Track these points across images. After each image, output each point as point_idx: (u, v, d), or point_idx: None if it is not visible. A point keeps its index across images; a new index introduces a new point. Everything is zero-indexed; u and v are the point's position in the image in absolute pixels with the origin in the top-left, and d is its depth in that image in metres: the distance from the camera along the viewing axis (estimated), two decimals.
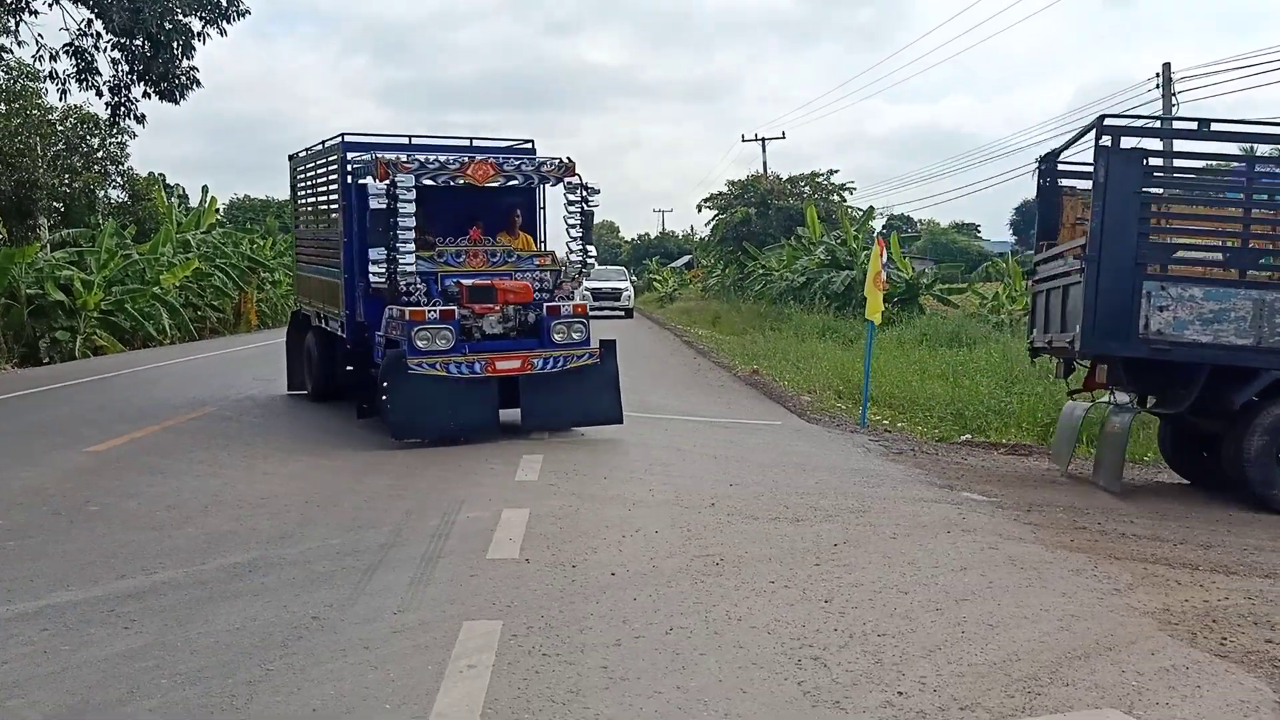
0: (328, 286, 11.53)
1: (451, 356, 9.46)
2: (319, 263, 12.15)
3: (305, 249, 13.29)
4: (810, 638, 4.60)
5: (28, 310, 22.04)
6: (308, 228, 13.17)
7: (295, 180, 13.32)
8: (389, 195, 9.38)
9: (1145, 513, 7.47)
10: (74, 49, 18.38)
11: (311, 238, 12.81)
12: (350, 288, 10.57)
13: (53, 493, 7.56)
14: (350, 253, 10.43)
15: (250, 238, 37.12)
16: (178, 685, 4.06)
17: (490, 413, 9.75)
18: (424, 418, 9.51)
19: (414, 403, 9.40)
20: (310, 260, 12.76)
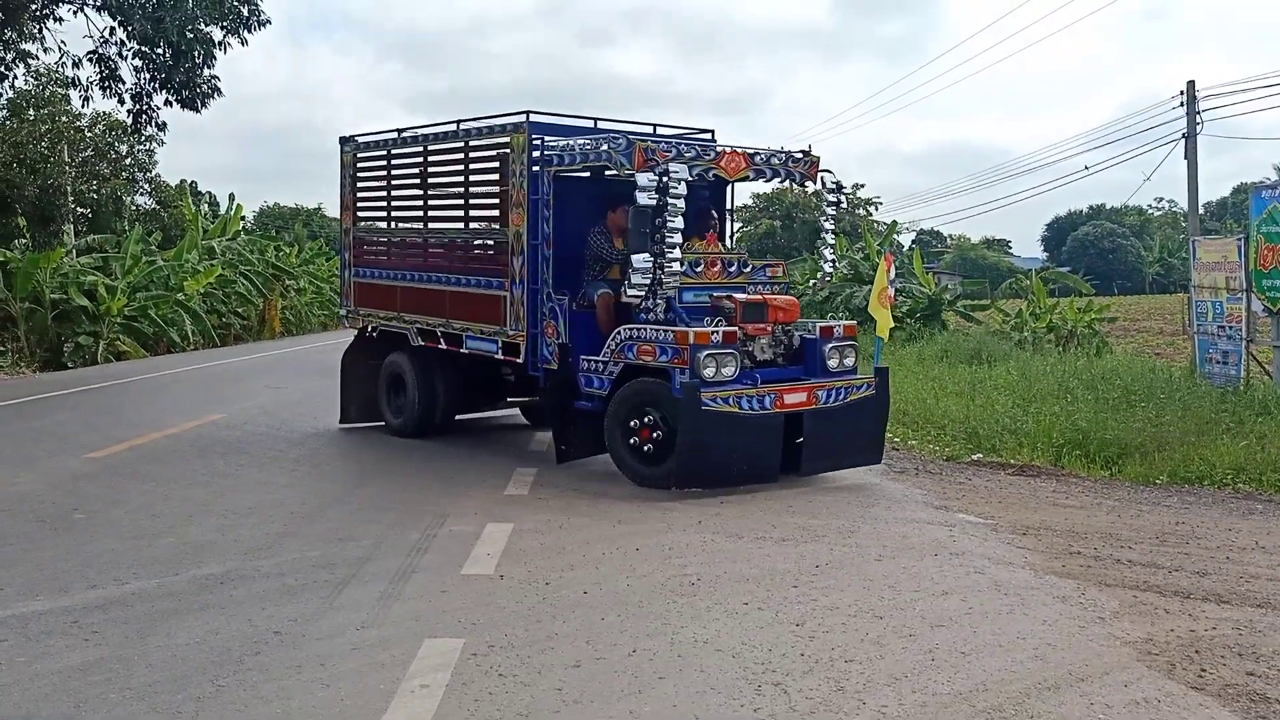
0: (470, 299, 9.56)
1: (742, 388, 7.95)
2: (446, 269, 9.99)
3: (397, 251, 10.97)
4: (775, 662, 4.50)
5: (52, 315, 22.31)
6: (399, 225, 11.12)
7: (358, 168, 11.30)
8: (659, 189, 7.81)
9: (1145, 538, 7.29)
10: (97, 56, 18.67)
11: (415, 239, 10.66)
12: (535, 301, 8.81)
13: (43, 499, 7.59)
14: (537, 258, 8.75)
15: (275, 245, 37.46)
16: (125, 700, 4.03)
17: (775, 457, 8.19)
18: (710, 464, 7.92)
19: (702, 445, 7.81)
20: (415, 267, 10.46)
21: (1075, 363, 15.67)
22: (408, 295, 10.43)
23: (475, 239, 9.97)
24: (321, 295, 36.18)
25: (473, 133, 9.70)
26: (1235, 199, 70.25)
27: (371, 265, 11.17)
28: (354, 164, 11.24)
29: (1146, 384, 12.50)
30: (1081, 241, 77.37)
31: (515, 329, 8.99)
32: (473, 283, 9.55)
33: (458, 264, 9.91)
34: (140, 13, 17.59)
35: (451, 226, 10.26)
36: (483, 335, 9.41)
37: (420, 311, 10.21)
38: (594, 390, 8.46)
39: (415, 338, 10.23)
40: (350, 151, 11.27)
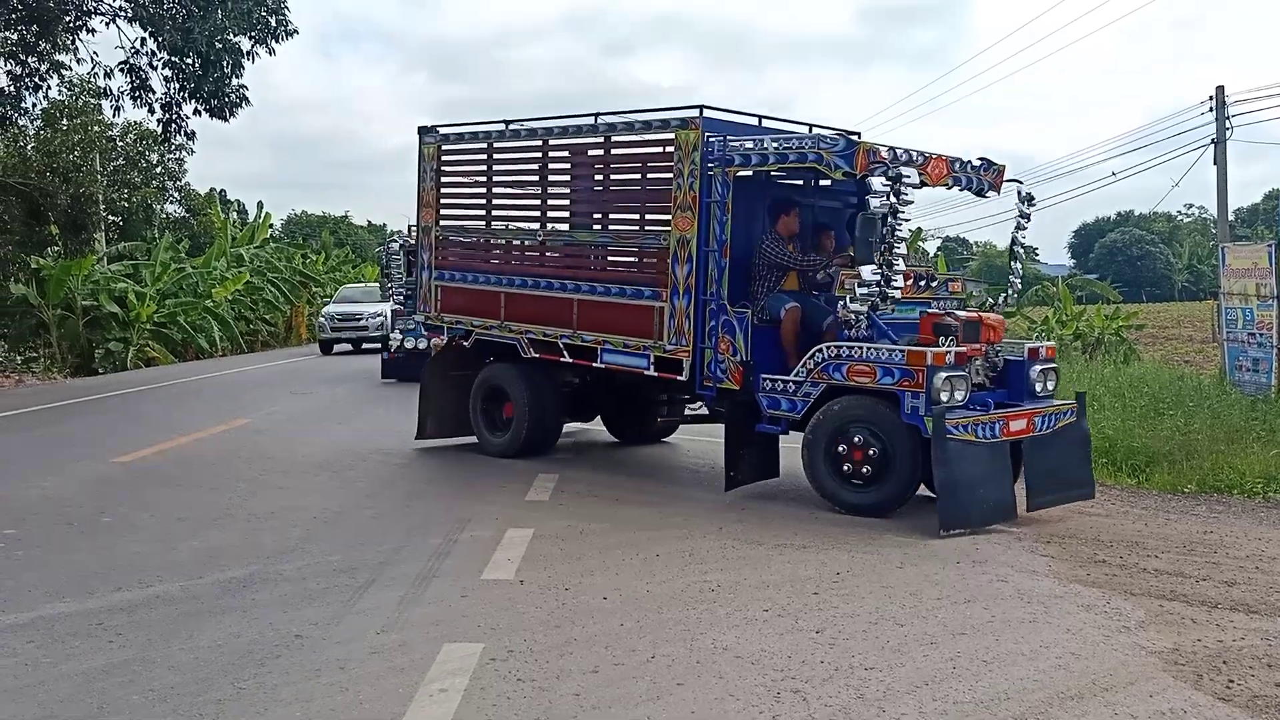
0: (610, 310, 8.73)
1: (976, 415, 7.27)
2: (575, 275, 9.10)
3: (502, 254, 10.05)
4: (795, 670, 4.47)
5: (83, 321, 22.64)
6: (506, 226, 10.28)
7: (444, 162, 10.30)
8: (893, 194, 7.20)
9: (1172, 546, 7.19)
10: (129, 67, 18.92)
11: (529, 241, 9.83)
12: (703, 313, 8.06)
13: (70, 503, 7.68)
14: (709, 267, 8.02)
15: (302, 253, 37.79)
16: (147, 702, 4.05)
17: (1010, 490, 7.56)
18: (967, 498, 7.19)
19: (954, 480, 7.10)
20: (528, 271, 9.57)
21: (1102, 370, 15.51)
22: (517, 302, 9.46)
23: (619, 244, 9.11)
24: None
25: (619, 127, 8.87)
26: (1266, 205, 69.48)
27: (461, 268, 10.15)
28: (437, 157, 10.21)
29: (1175, 392, 12.35)
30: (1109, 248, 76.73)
31: (676, 343, 8.19)
32: (614, 291, 8.73)
33: (592, 270, 9.12)
34: (170, 24, 17.81)
35: (583, 229, 9.41)
36: (627, 349, 8.56)
37: (535, 320, 9.29)
38: (781, 412, 7.75)
39: (526, 349, 9.37)
40: (433, 143, 10.23)
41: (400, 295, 17.11)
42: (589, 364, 8.92)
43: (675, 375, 8.33)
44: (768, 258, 8.23)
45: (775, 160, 7.82)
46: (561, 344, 9.07)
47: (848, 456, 7.41)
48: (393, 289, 17.61)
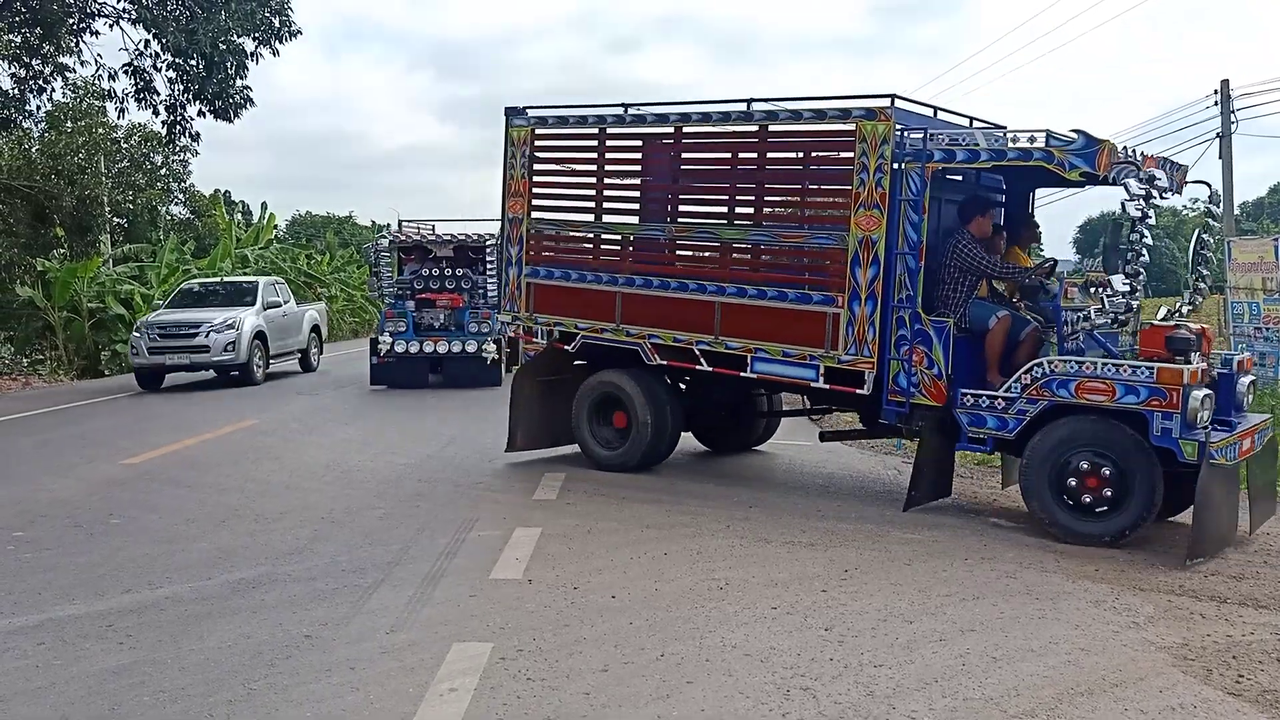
0: (766, 315, 8.02)
1: (1226, 436, 6.73)
2: (719, 276, 8.38)
3: (618, 250, 9.23)
4: (804, 667, 4.48)
5: (89, 323, 22.67)
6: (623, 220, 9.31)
7: (538, 147, 9.40)
8: (1146, 199, 6.67)
9: (1180, 542, 7.17)
10: (132, 69, 18.96)
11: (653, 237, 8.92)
12: (890, 321, 7.46)
13: (79, 505, 7.70)
14: (899, 270, 7.40)
15: (307, 253, 37.82)
16: (159, 703, 4.07)
17: (1238, 512, 7.08)
18: (1217, 525, 6.67)
19: (1217, 505, 6.59)
20: (652, 270, 8.76)
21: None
22: (638, 303, 8.71)
23: (779, 242, 8.26)
24: (353, 303, 36.49)
25: (780, 116, 8.10)
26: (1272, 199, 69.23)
27: (562, 264, 9.32)
28: (530, 141, 9.30)
29: None
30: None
31: (856, 354, 7.55)
32: (772, 294, 8.02)
33: (742, 271, 8.42)
34: (174, 25, 17.83)
35: (728, 226, 8.64)
36: (787, 359, 7.89)
37: (662, 324, 8.55)
38: (988, 430, 7.19)
39: (650, 355, 8.63)
40: (525, 126, 9.32)
41: (390, 296, 16.73)
42: (736, 374, 8.21)
43: (851, 389, 7.67)
44: (964, 261, 7.51)
45: (989, 157, 7.19)
46: (698, 350, 8.36)
47: (1079, 482, 6.77)
48: (383, 289, 16.99)
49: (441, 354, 16.38)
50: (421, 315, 16.70)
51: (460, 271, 17.08)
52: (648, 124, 8.82)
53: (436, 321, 16.73)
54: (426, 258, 17.61)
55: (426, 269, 17.14)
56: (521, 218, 9.46)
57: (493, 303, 16.01)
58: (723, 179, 8.81)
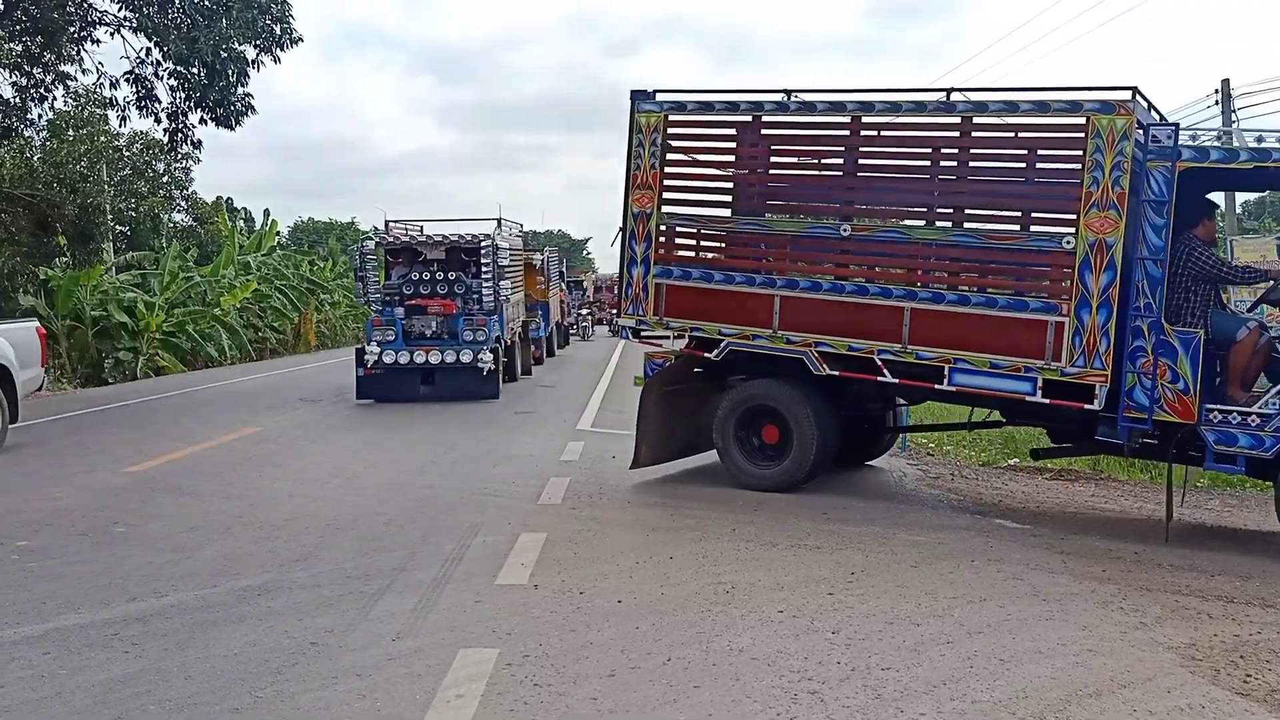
0: (965, 321, 7.45)
1: None
2: (908, 279, 7.89)
3: (775, 248, 8.49)
4: (811, 671, 4.46)
5: (92, 332, 22.69)
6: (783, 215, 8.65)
7: (671, 134, 8.65)
8: None
9: (1186, 542, 7.18)
10: (134, 77, 18.97)
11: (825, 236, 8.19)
12: (1123, 330, 6.95)
13: (83, 513, 7.69)
14: (1137, 276, 6.90)
15: (310, 260, 37.88)
16: (165, 712, 4.06)
17: None
18: None
19: None
20: (821, 270, 8.13)
21: None
22: (802, 308, 8.06)
23: (986, 243, 7.62)
24: (356, 309, 36.51)
25: (991, 108, 7.53)
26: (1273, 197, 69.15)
27: (702, 264, 8.67)
28: (663, 129, 8.56)
29: None
30: None
31: (1084, 365, 6.98)
32: (978, 301, 7.48)
33: (937, 273, 8.00)
34: (175, 33, 17.83)
35: (925, 225, 8.05)
36: (996, 371, 7.31)
37: (834, 331, 7.93)
38: (1240, 449, 6.72)
39: (818, 364, 8.00)
40: (655, 112, 8.58)
41: (377, 302, 15.67)
42: (929, 386, 7.68)
43: (1076, 404, 7.11)
44: (1199, 268, 6.99)
45: (1249, 158, 6.71)
46: (879, 360, 7.76)
47: None
48: (369, 295, 15.81)
49: (434, 364, 15.17)
50: (411, 323, 15.56)
51: (453, 275, 15.89)
52: (817, 112, 8.22)
53: (428, 329, 15.59)
54: (416, 260, 16.48)
55: (416, 272, 15.99)
56: (650, 212, 8.66)
57: (489, 308, 15.54)
58: (916, 175, 8.16)
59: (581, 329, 37.10)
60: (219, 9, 17.77)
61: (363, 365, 15.29)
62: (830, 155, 8.35)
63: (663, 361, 8.92)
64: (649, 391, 8.79)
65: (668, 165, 8.66)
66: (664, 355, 8.99)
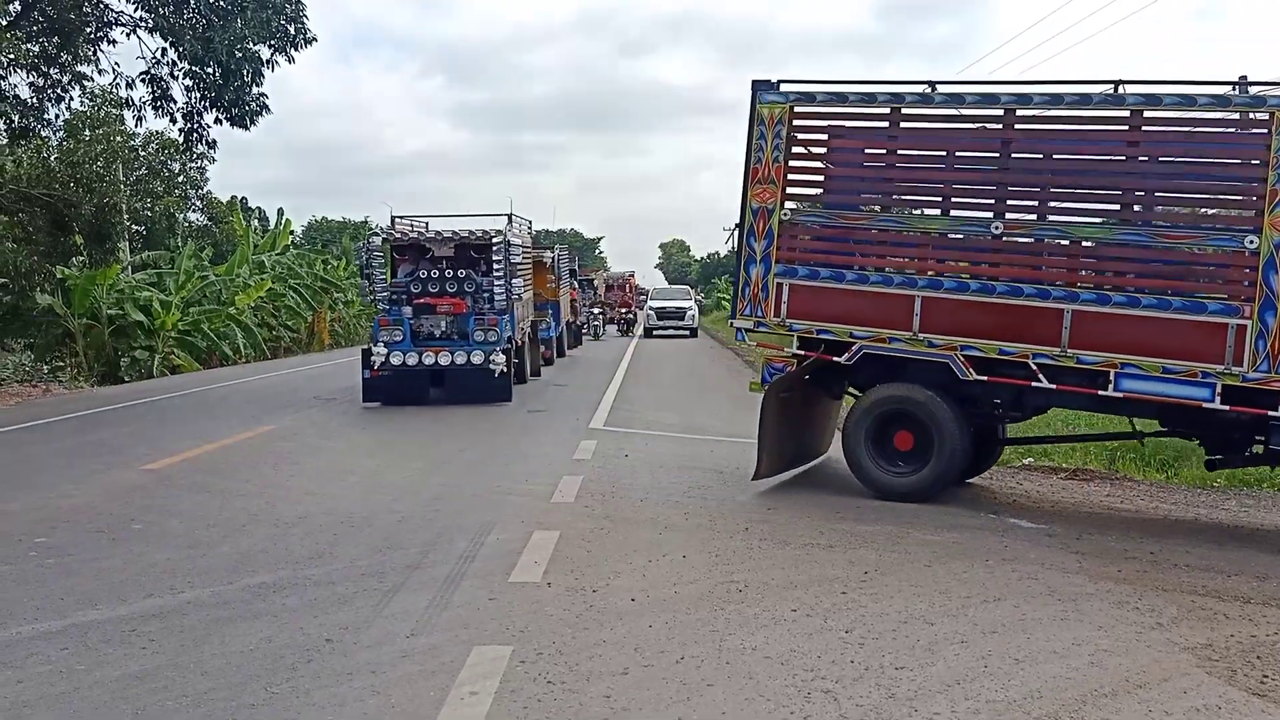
0: (1136, 324, 7.16)
1: None
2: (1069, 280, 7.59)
3: (917, 248, 8.23)
4: (824, 670, 4.46)
5: (109, 330, 22.83)
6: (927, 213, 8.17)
7: (797, 127, 8.28)
8: None
9: (1203, 542, 7.14)
10: (150, 77, 19.08)
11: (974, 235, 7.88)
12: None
13: (100, 511, 7.74)
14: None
15: (323, 258, 38.01)
16: (182, 708, 4.08)
17: None
18: None
19: None
20: (968, 271, 7.83)
21: None
22: (947, 310, 7.74)
23: (1160, 244, 7.30)
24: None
25: (1157, 100, 7.23)
26: None
27: (832, 263, 8.22)
28: (787, 121, 8.18)
29: None
30: None
31: (1268, 370, 6.77)
32: (1149, 302, 7.16)
33: (1103, 274, 7.76)
34: (191, 34, 17.94)
35: (1092, 224, 7.70)
36: (1169, 376, 7.02)
37: (983, 333, 7.61)
38: None
39: (964, 369, 7.68)
40: (780, 104, 8.21)
41: (384, 301, 15.08)
42: (1091, 392, 7.38)
43: (1260, 410, 6.90)
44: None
45: None
46: (1034, 365, 7.45)
47: None
48: (376, 293, 15.20)
49: (444, 366, 14.61)
50: (420, 323, 14.95)
51: (462, 273, 15.31)
52: (965, 105, 7.89)
53: (437, 329, 14.99)
54: (423, 258, 15.88)
55: (424, 270, 15.39)
56: (772, 208, 8.25)
57: (500, 307, 15.06)
58: (1079, 171, 7.83)
59: (594, 328, 37.06)
60: (234, 9, 17.87)
61: (369, 367, 14.74)
62: (980, 150, 8.10)
63: (783, 366, 8.43)
64: (768, 398, 8.39)
65: (794, 159, 8.30)
66: (784, 360, 8.46)
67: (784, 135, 8.20)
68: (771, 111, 8.22)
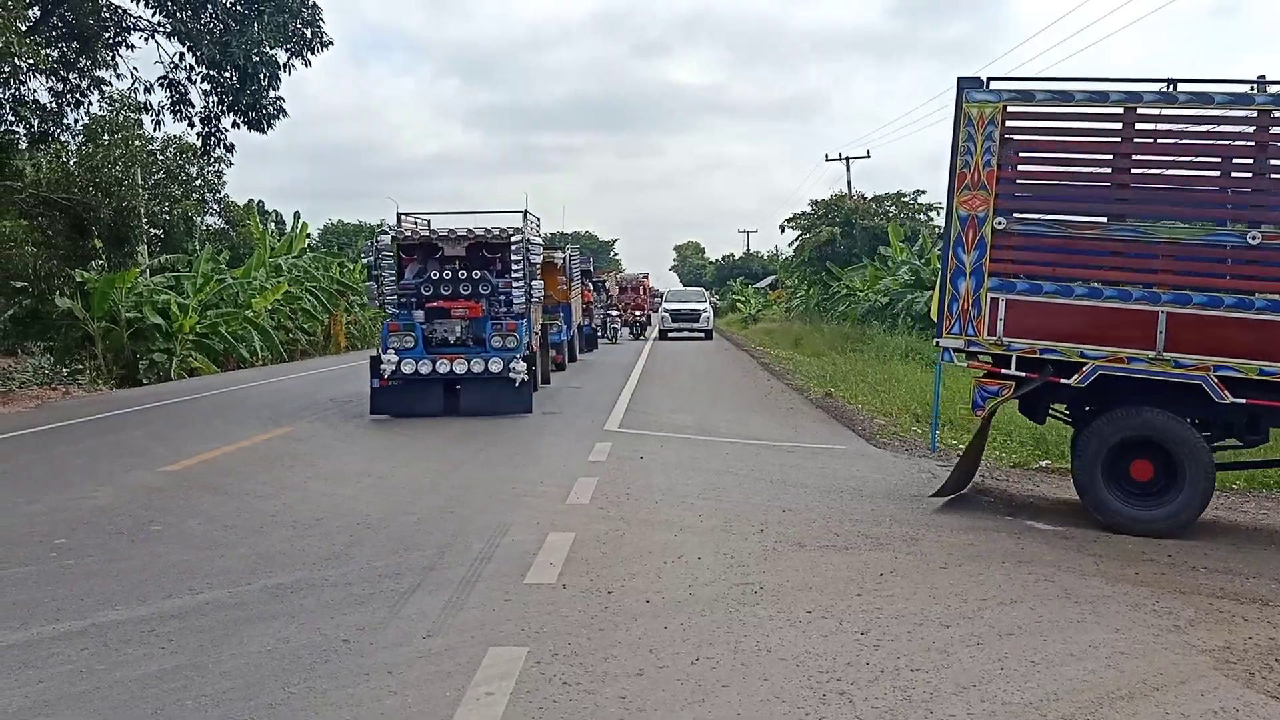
0: None
1: None
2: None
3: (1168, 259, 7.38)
4: (840, 671, 4.46)
5: (127, 333, 22.98)
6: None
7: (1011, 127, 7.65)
8: None
9: (1221, 544, 7.10)
10: (168, 81, 19.23)
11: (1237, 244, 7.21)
12: None
13: (120, 512, 7.81)
14: None
15: (339, 261, 38.17)
16: (201, 707, 4.12)
17: None
18: None
19: None
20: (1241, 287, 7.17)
21: None
22: (1193, 326, 7.13)
23: None
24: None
25: None
26: None
27: (1056, 276, 7.56)
28: (1000, 121, 7.57)
29: None
30: None
31: None
32: None
33: None
34: (208, 38, 18.07)
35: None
36: None
37: (1241, 352, 7.02)
38: None
39: (1219, 391, 7.03)
40: (991, 102, 7.60)
41: (393, 304, 14.23)
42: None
43: None
44: None
45: None
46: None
47: None
48: (384, 296, 14.24)
49: (459, 375, 13.57)
50: (433, 328, 14.05)
51: (477, 274, 14.33)
52: (1213, 105, 7.29)
53: (451, 335, 14.03)
54: (432, 258, 14.84)
55: (435, 271, 14.44)
56: (983, 216, 7.64)
57: (519, 311, 14.17)
58: None
59: (611, 331, 36.81)
60: (251, 14, 17.99)
61: (378, 376, 13.59)
62: (1234, 154, 7.47)
63: (997, 389, 7.68)
64: (985, 423, 7.99)
65: (1008, 163, 7.67)
66: (999, 382, 7.70)
67: (996, 137, 7.59)
68: (981, 111, 7.60)
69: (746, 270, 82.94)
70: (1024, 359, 7.59)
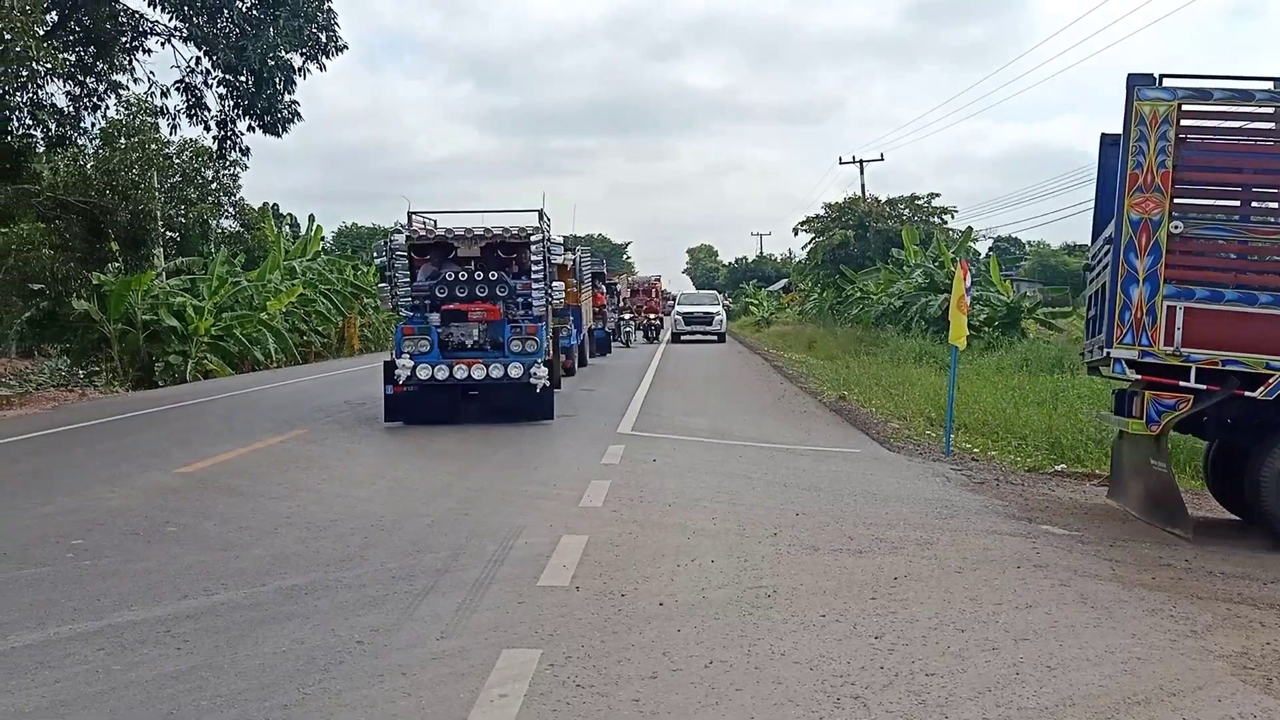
0: None
1: None
2: None
3: None
4: (854, 675, 4.45)
5: (143, 335, 23.13)
6: None
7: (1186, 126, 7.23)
8: None
9: (1239, 549, 7.05)
10: (184, 85, 19.34)
11: None
12: None
13: (135, 513, 7.85)
14: None
15: (353, 264, 38.31)
16: (216, 708, 4.13)
17: None
18: None
19: None
20: None
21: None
22: None
23: None
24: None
25: None
26: None
27: (1244, 283, 7.14)
28: (1174, 121, 7.15)
29: None
30: None
31: None
32: None
33: None
34: (224, 43, 18.17)
35: None
36: None
37: None
38: None
39: None
40: (1166, 100, 7.16)
41: (407, 307, 13.76)
42: None
43: None
44: None
45: None
46: None
47: None
48: (398, 298, 13.83)
49: (478, 380, 13.00)
50: (449, 331, 13.49)
51: (493, 275, 13.73)
52: None
53: (468, 339, 13.47)
54: (446, 258, 14.29)
55: (449, 272, 13.86)
56: (1158, 219, 7.20)
57: (538, 313, 13.69)
58: None
59: (625, 335, 36.61)
60: (267, 18, 18.07)
61: (392, 382, 13.08)
62: None
63: (1174, 403, 7.23)
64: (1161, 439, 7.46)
65: (1186, 164, 7.24)
66: (1176, 395, 7.25)
67: (1171, 137, 7.14)
68: (1154, 110, 7.14)
69: (760, 273, 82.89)
70: (1203, 371, 7.16)
